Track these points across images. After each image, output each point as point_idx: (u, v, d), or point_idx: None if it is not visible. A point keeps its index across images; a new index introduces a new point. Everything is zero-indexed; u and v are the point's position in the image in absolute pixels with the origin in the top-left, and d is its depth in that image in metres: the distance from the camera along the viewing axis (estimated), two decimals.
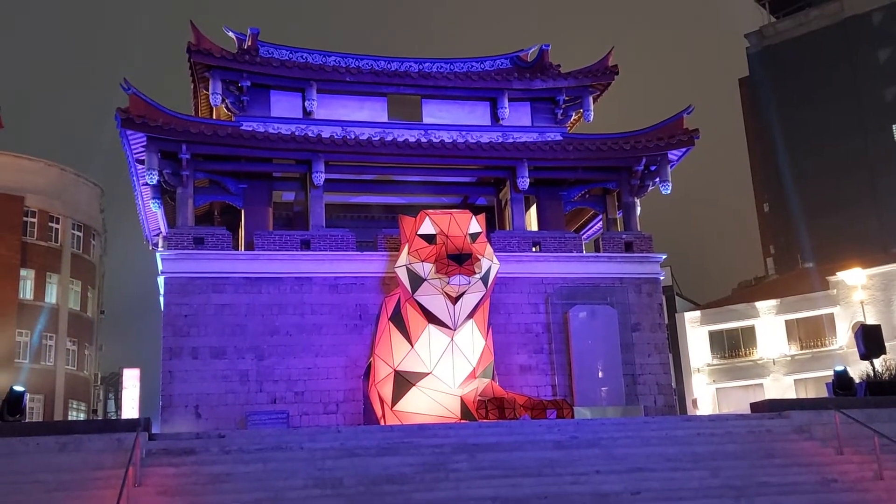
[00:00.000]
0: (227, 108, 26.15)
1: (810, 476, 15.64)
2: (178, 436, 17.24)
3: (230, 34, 27.66)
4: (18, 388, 17.83)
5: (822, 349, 42.41)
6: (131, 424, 16.06)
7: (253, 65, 25.65)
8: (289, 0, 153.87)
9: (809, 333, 43.37)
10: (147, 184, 24.83)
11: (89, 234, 48.09)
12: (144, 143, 23.87)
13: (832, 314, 42.72)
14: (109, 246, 53.76)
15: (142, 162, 24.33)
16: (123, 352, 61.55)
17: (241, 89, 25.73)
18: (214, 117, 27.36)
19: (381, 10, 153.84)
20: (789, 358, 43.36)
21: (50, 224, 45.14)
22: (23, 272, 43.02)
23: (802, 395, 39.75)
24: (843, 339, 41.69)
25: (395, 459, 15.62)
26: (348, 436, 16.92)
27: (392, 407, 22.19)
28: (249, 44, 26.71)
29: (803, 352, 43.13)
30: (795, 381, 42.60)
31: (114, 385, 53.67)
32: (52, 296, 44.53)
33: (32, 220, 44.14)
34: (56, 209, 45.41)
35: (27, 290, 43.41)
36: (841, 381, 20.34)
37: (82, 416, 45.43)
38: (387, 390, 22.40)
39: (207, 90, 25.60)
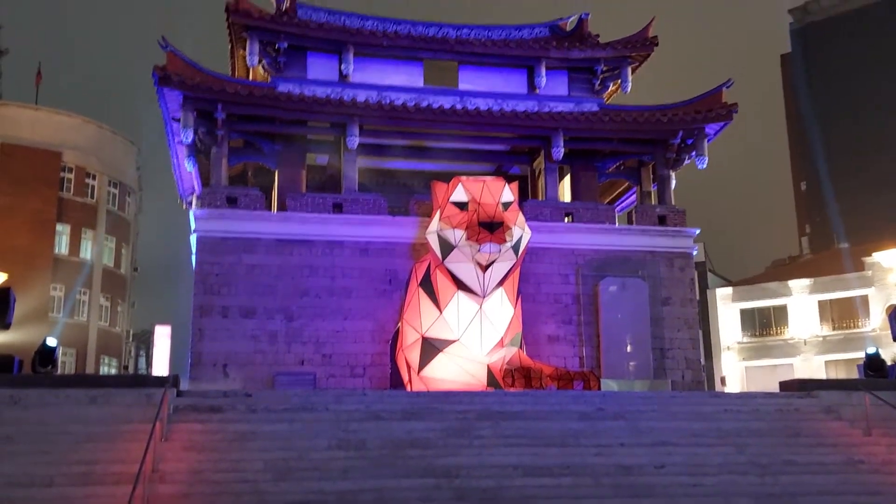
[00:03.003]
0: (263, 68, 26.14)
1: (837, 456, 15.50)
2: (206, 393, 17.40)
3: None
4: (51, 341, 18.01)
5: (855, 330, 41.90)
6: (160, 380, 16.21)
7: (290, 26, 25.57)
8: None
9: (842, 314, 42.84)
10: (182, 142, 24.94)
11: (125, 191, 48.47)
12: (181, 102, 23.92)
13: (866, 295, 42.14)
14: (144, 204, 54.21)
15: (177, 120, 24.41)
16: (155, 309, 62.22)
17: (278, 51, 25.69)
18: (251, 78, 27.35)
19: None
20: (821, 338, 42.90)
21: (86, 181, 45.52)
22: (59, 227, 43.47)
23: (833, 377, 39.35)
24: (877, 321, 41.15)
25: (420, 424, 15.67)
26: (374, 399, 17.00)
27: (419, 372, 22.27)
28: (288, 5, 26.60)
29: (835, 332, 42.64)
30: (826, 362, 42.17)
31: (145, 341, 54.40)
32: (86, 252, 45.01)
33: (69, 175, 44.51)
34: (93, 166, 45.76)
35: (62, 246, 43.91)
36: (872, 363, 20.06)
37: (113, 372, 46.07)
38: (414, 356, 22.47)
39: (245, 50, 25.61)
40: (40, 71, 47.30)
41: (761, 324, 44.71)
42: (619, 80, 27.99)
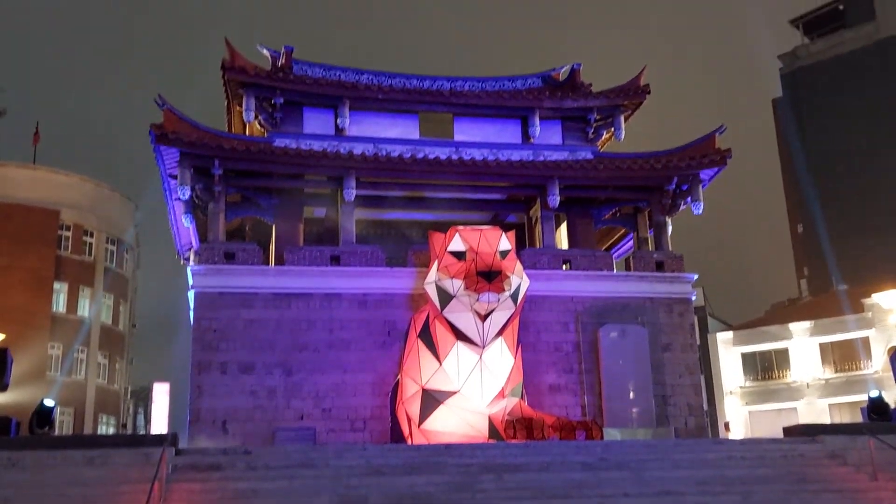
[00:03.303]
0: (260, 124, 26.32)
1: (843, 502, 15.32)
2: (205, 451, 17.25)
3: (264, 51, 27.85)
4: (49, 402, 17.93)
5: (857, 373, 41.67)
6: (158, 439, 16.08)
7: (286, 82, 25.82)
8: (323, 18, 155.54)
9: (844, 356, 42.63)
10: (179, 199, 25.01)
11: (123, 248, 48.53)
12: (178, 159, 24.04)
13: (867, 337, 41.99)
14: (142, 259, 54.21)
15: (175, 177, 24.51)
16: (154, 365, 61.98)
17: (274, 106, 25.90)
18: (247, 133, 27.54)
19: (416, 29, 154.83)
20: (823, 381, 42.65)
21: (84, 238, 45.62)
22: (56, 285, 43.44)
23: (837, 420, 39.09)
24: (879, 362, 40.95)
25: (422, 479, 15.50)
26: (375, 454, 16.83)
27: (419, 425, 22.06)
28: (283, 61, 26.88)
29: (837, 375, 42.40)
30: (830, 405, 41.85)
31: (143, 399, 54.02)
32: (84, 309, 44.92)
33: (67, 233, 44.62)
34: (91, 223, 45.89)
35: (60, 304, 43.82)
36: (876, 407, 19.94)
37: (112, 430, 45.67)
38: (414, 408, 22.28)
39: (241, 106, 25.80)
40: (38, 130, 47.64)
41: (763, 367, 44.48)
42: (613, 128, 28.21)
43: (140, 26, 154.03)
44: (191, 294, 24.05)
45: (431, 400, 22.08)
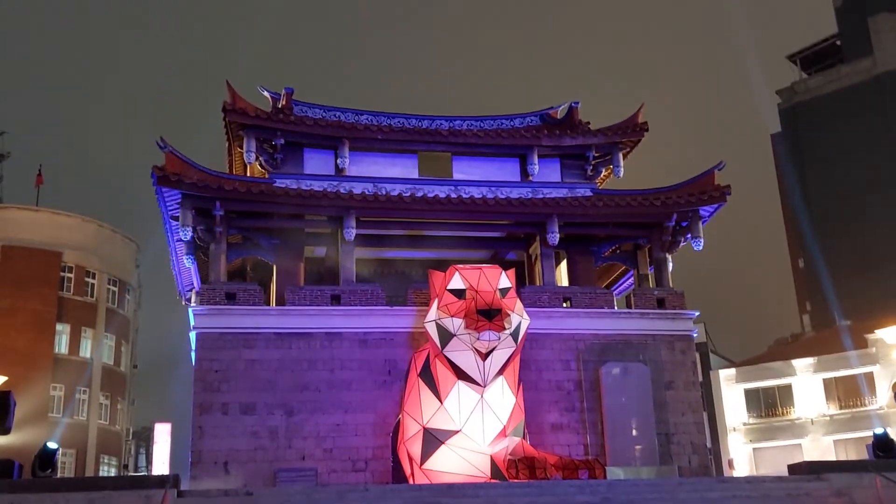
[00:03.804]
0: (260, 165, 26.48)
1: None
2: (207, 493, 17.17)
3: (265, 93, 28.10)
4: (52, 445, 17.90)
5: (862, 409, 41.44)
6: (160, 481, 16.03)
7: (287, 123, 26.02)
8: (322, 60, 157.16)
9: (848, 392, 42.43)
10: (181, 240, 25.12)
11: (124, 288, 48.66)
12: (179, 200, 24.17)
13: (871, 373, 41.81)
14: (143, 299, 54.26)
15: (176, 218, 24.62)
16: (155, 406, 61.73)
17: (274, 147, 26.07)
18: (248, 174, 27.70)
19: (414, 69, 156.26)
20: (828, 418, 42.41)
21: (86, 279, 45.75)
22: (59, 327, 43.55)
23: (843, 457, 38.82)
24: (884, 398, 40.74)
25: None
26: (376, 494, 16.76)
27: (421, 465, 21.94)
28: (284, 103, 27.12)
29: (842, 411, 42.16)
30: (835, 441, 41.59)
31: (145, 440, 53.84)
32: (86, 350, 44.94)
33: (69, 275, 44.78)
34: (93, 264, 46.05)
35: (62, 345, 43.87)
36: (881, 444, 19.81)
37: (113, 472, 45.45)
38: (415, 448, 22.17)
39: (242, 148, 25.96)
40: (41, 173, 47.99)
41: (767, 404, 44.23)
42: (612, 166, 28.28)
43: (143, 70, 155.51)
44: (192, 335, 24.05)
45: (433, 439, 21.96)
